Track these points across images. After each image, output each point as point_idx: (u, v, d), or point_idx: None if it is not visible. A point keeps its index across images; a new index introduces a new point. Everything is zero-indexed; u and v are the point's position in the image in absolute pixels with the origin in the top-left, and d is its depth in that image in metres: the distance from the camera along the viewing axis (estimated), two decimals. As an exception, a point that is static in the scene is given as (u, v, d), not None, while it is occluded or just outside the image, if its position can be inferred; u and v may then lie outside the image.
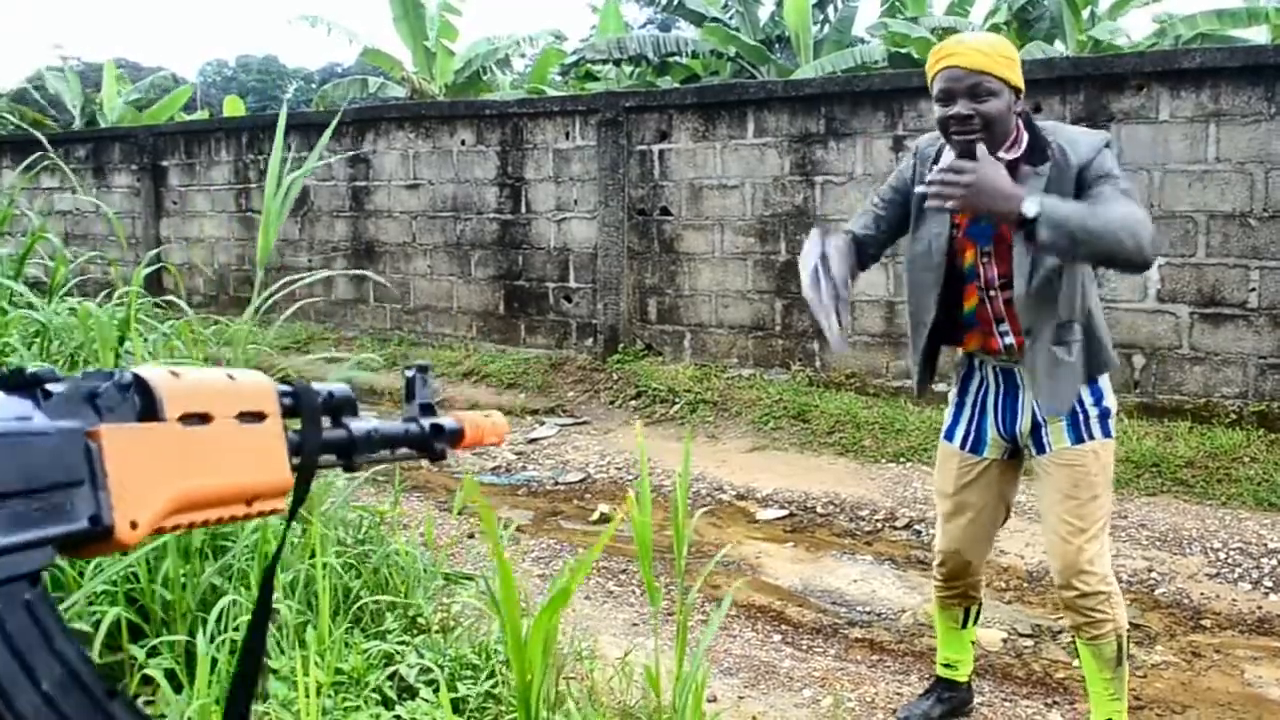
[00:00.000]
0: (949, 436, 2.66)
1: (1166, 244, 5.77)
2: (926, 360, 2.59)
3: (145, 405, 0.56)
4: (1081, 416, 2.46)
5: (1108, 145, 2.34)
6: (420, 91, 14.39)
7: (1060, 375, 2.39)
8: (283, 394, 0.66)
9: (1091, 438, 2.46)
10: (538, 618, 1.89)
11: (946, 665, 2.89)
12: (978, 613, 2.85)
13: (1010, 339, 2.47)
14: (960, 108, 2.24)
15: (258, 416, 0.62)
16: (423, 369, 0.86)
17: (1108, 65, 6.02)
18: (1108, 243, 2.11)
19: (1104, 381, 2.50)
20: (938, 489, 2.73)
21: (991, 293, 2.44)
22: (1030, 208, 2.07)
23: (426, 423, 0.83)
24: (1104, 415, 2.48)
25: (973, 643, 2.90)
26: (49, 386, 0.53)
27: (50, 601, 0.50)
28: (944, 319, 2.52)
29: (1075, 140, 2.33)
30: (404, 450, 0.81)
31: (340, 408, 0.74)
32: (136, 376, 0.56)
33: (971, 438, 2.61)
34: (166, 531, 0.57)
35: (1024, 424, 2.51)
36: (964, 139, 2.25)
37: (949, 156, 2.33)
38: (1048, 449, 2.49)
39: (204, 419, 0.58)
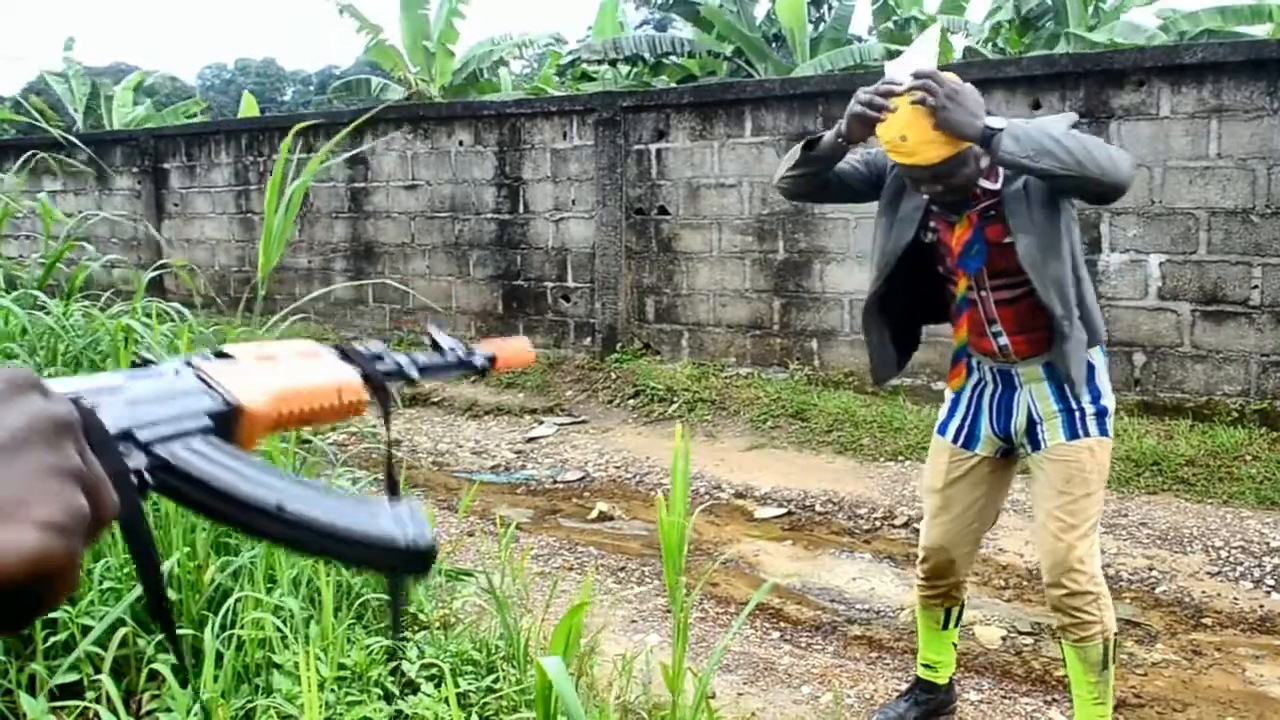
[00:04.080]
0: (942, 430, 2.65)
1: (1168, 241, 5.77)
2: (896, 342, 2.60)
3: (219, 354, 0.68)
4: (1078, 414, 2.45)
5: (1075, 126, 2.33)
6: (418, 92, 14.37)
7: (1080, 352, 2.39)
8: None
9: (1087, 434, 2.44)
10: (561, 622, 1.91)
11: (926, 666, 2.86)
12: (959, 614, 2.83)
13: (1004, 339, 2.46)
14: (927, 190, 2.32)
15: (313, 355, 0.75)
16: (437, 325, 1.01)
17: (1108, 61, 6.00)
18: (1077, 155, 2.13)
19: (1103, 381, 2.48)
20: (927, 484, 2.72)
21: (983, 293, 2.43)
22: (995, 121, 2.13)
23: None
24: (1101, 414, 2.47)
25: (954, 644, 2.86)
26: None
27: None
28: (929, 301, 2.56)
29: None
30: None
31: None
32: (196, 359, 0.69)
33: (965, 432, 2.60)
34: (284, 421, 0.67)
35: (1019, 422, 2.50)
36: (942, 204, 2.37)
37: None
38: (1043, 445, 2.48)
39: (271, 359, 0.70)
